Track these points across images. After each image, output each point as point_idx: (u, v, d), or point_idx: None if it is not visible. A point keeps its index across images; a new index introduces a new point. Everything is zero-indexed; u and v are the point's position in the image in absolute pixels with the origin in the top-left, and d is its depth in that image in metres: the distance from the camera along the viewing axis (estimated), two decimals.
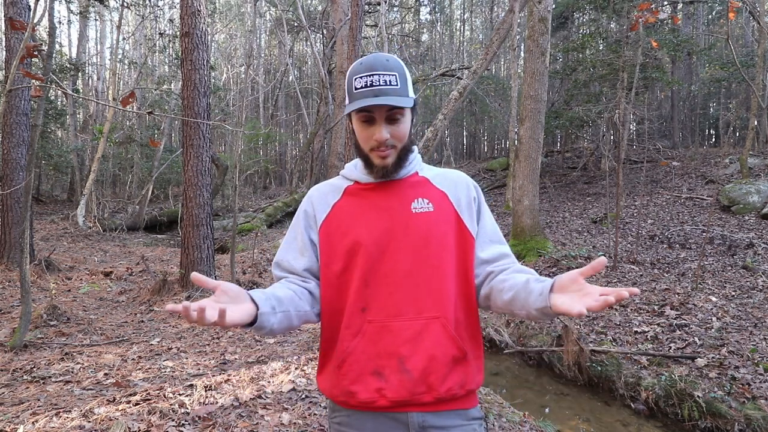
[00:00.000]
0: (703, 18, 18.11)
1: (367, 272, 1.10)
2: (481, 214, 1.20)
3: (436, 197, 1.16)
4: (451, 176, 1.22)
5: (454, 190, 1.18)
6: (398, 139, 1.11)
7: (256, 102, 24.38)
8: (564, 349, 4.69)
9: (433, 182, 1.19)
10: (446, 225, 1.13)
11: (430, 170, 1.22)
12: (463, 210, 1.17)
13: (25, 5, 6.14)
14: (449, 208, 1.16)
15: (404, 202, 1.14)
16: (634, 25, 6.44)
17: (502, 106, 17.50)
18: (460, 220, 1.15)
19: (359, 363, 1.08)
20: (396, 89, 1.08)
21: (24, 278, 3.66)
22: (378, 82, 1.07)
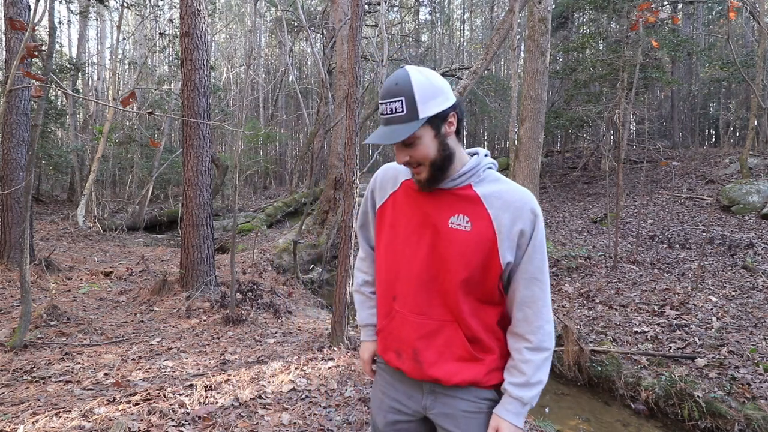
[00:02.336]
0: (702, 18, 18.10)
1: (398, 267, 1.21)
2: (528, 250, 1.15)
3: (479, 217, 1.14)
4: (510, 198, 1.15)
5: (503, 214, 1.13)
6: (420, 159, 1.12)
7: (256, 102, 24.38)
8: (564, 349, 4.69)
9: (484, 201, 1.15)
10: (477, 247, 1.13)
11: (492, 185, 1.17)
12: (503, 237, 1.13)
13: (25, 5, 6.14)
14: (488, 232, 1.13)
15: (444, 214, 1.16)
16: (634, 25, 6.44)
17: (502, 106, 17.50)
18: (495, 246, 1.13)
19: (387, 340, 1.27)
20: (401, 117, 1.08)
21: (24, 278, 3.66)
22: (386, 111, 1.10)
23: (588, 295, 6.04)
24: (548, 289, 1.18)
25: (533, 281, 1.15)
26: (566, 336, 4.68)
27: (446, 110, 1.12)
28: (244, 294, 5.36)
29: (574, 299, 5.98)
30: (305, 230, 9.18)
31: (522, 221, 1.13)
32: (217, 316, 4.78)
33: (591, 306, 5.72)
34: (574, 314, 5.50)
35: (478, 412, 1.20)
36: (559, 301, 6.07)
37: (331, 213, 9.69)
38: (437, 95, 1.10)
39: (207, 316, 4.84)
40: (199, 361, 3.55)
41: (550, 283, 4.82)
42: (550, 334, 1.16)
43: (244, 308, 5.03)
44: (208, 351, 3.83)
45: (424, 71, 1.12)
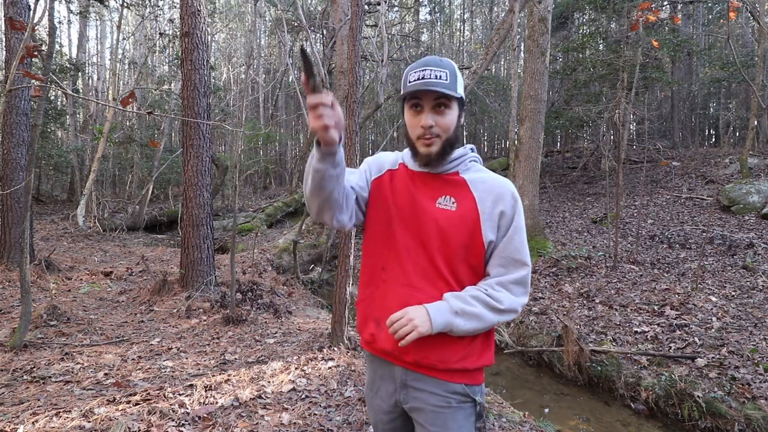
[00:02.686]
0: (702, 18, 18.10)
1: (389, 239, 1.27)
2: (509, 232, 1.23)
3: (464, 199, 1.24)
4: (493, 184, 1.26)
5: (487, 196, 1.23)
6: (443, 128, 1.20)
7: (256, 102, 24.38)
8: (564, 349, 4.69)
9: (470, 185, 1.25)
10: (461, 226, 1.21)
11: (476, 173, 1.28)
12: (486, 217, 1.22)
13: (25, 5, 6.14)
14: (472, 212, 1.22)
15: (433, 195, 1.25)
16: (634, 25, 6.44)
17: (502, 106, 17.50)
18: (477, 225, 1.21)
19: (369, 308, 1.30)
20: (445, 83, 1.17)
21: (24, 278, 3.65)
22: (430, 75, 1.17)
23: (588, 295, 6.04)
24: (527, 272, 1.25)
25: (512, 261, 1.23)
26: (566, 336, 4.68)
27: (464, 102, 1.27)
28: (244, 294, 5.36)
29: (574, 299, 5.98)
30: (305, 230, 9.18)
31: (503, 203, 1.23)
32: (217, 316, 4.78)
33: (591, 306, 5.72)
34: (574, 314, 5.50)
35: (446, 407, 1.23)
36: (559, 301, 6.06)
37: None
38: (463, 87, 1.25)
39: (207, 316, 4.84)
40: (199, 361, 3.55)
41: (551, 283, 4.82)
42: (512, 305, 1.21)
43: (244, 308, 5.03)
44: (208, 351, 3.83)
45: None
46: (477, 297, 1.19)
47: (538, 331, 5.37)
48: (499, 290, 1.21)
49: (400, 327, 1.14)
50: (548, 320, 5.54)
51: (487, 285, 1.22)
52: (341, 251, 4.00)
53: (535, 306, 6.02)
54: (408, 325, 1.13)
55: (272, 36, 24.14)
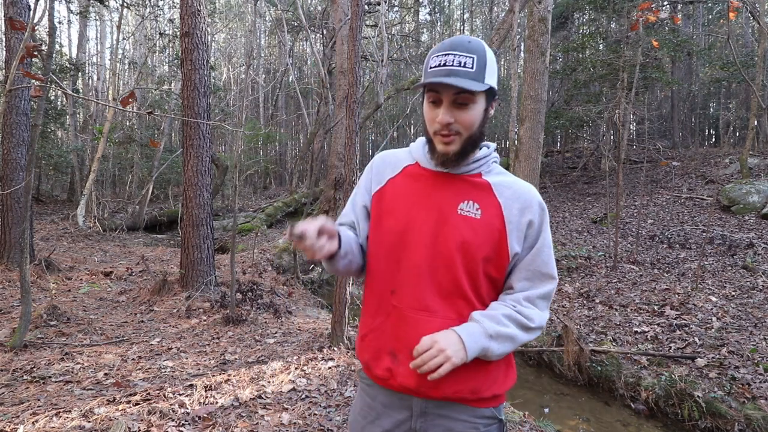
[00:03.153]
0: (702, 18, 18.10)
1: (399, 256, 1.11)
2: (538, 243, 1.10)
3: (489, 205, 1.09)
4: (518, 189, 1.11)
5: (513, 203, 1.09)
6: (464, 126, 1.04)
7: (256, 102, 24.38)
8: (564, 349, 4.69)
9: (494, 189, 1.11)
10: (486, 236, 1.07)
11: (499, 176, 1.14)
12: (513, 227, 1.08)
13: (25, 5, 6.14)
14: (497, 220, 1.08)
15: (454, 199, 1.10)
16: (634, 25, 6.44)
17: (502, 106, 17.50)
18: (504, 236, 1.08)
19: (380, 340, 1.14)
20: (469, 72, 1.00)
21: (24, 278, 3.66)
22: (452, 62, 1.01)
23: (588, 295, 6.04)
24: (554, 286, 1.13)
25: (539, 275, 1.10)
26: (566, 336, 4.68)
27: (495, 91, 1.09)
28: (244, 294, 5.36)
29: (574, 299, 5.98)
30: None
31: (531, 212, 1.09)
32: (217, 316, 4.78)
33: (591, 306, 5.72)
34: (574, 314, 5.50)
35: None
36: (559, 301, 6.07)
37: (331, 213, 9.69)
38: (495, 72, 1.07)
39: (207, 316, 4.84)
40: (199, 361, 3.55)
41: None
42: (541, 322, 1.09)
43: (244, 308, 5.03)
44: (208, 351, 3.83)
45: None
46: (510, 316, 1.05)
47: None
48: (527, 306, 1.08)
49: (429, 358, 0.97)
50: (548, 320, 5.54)
51: (515, 301, 1.09)
52: None
53: None
54: (439, 356, 0.97)
55: (272, 36, 24.16)
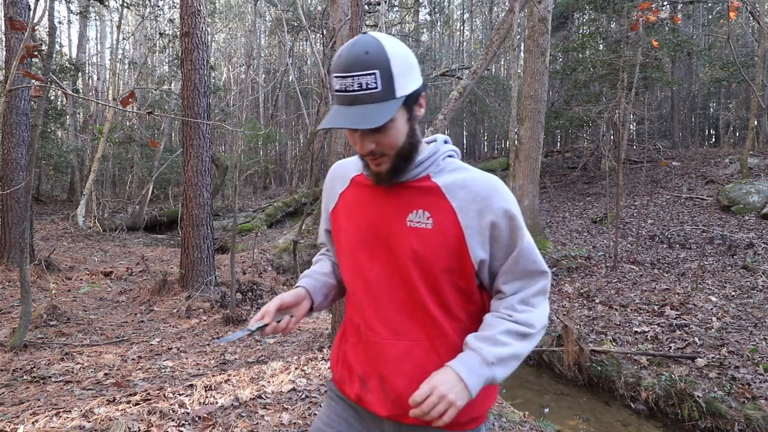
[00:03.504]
0: (702, 18, 18.11)
1: (355, 278, 1.04)
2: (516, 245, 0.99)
3: (441, 211, 0.97)
4: (474, 187, 0.97)
5: (469, 205, 0.96)
6: (388, 147, 0.93)
7: (256, 102, 24.38)
8: (564, 349, 4.69)
9: (446, 192, 0.98)
10: (442, 247, 0.96)
11: (452, 174, 1.00)
12: (472, 231, 0.96)
13: (25, 5, 6.14)
14: (453, 228, 0.96)
15: (401, 211, 0.98)
16: (634, 25, 6.44)
17: (502, 106, 17.51)
18: (463, 244, 0.96)
19: (351, 364, 1.07)
20: (374, 95, 0.87)
21: (24, 278, 3.66)
22: (352, 86, 0.87)
23: (588, 295, 6.04)
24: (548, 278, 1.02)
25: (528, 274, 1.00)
26: (566, 336, 4.68)
27: (419, 89, 0.94)
28: (244, 294, 5.36)
29: (574, 299, 5.98)
30: (305, 230, 9.17)
31: (491, 213, 0.96)
32: (217, 316, 4.78)
33: (591, 306, 5.72)
34: (574, 314, 5.50)
35: None
36: (559, 301, 6.07)
37: None
38: (413, 69, 0.93)
39: (207, 316, 4.84)
40: (199, 361, 3.55)
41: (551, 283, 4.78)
42: (543, 322, 1.00)
43: (244, 308, 5.03)
44: (208, 351, 3.83)
45: (394, 39, 0.92)
46: (509, 331, 0.94)
47: None
48: (523, 310, 0.97)
49: (430, 407, 0.86)
50: (548, 320, 5.54)
51: (509, 308, 0.98)
52: None
53: None
54: (441, 403, 0.86)
55: (272, 36, 24.16)
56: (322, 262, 1.22)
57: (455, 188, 0.98)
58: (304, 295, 1.09)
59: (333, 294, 1.16)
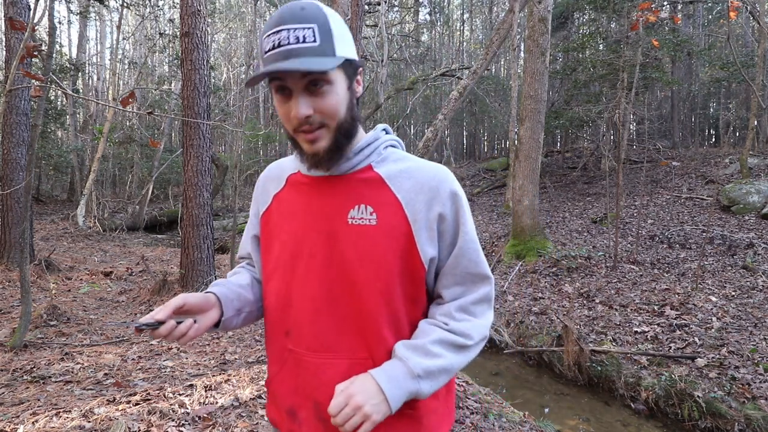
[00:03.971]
0: (702, 18, 18.11)
1: (289, 289, 0.91)
2: (459, 240, 0.88)
3: (385, 204, 0.87)
4: (420, 177, 0.88)
5: (416, 197, 0.87)
6: (327, 114, 0.82)
7: (256, 102, 24.38)
8: (564, 349, 4.69)
9: (389, 183, 0.88)
10: (389, 245, 0.85)
11: (396, 164, 0.91)
12: (420, 226, 0.86)
13: (25, 5, 6.14)
14: (400, 223, 0.86)
15: (342, 207, 0.87)
16: (634, 25, 6.44)
17: (502, 106, 17.52)
18: (412, 241, 0.86)
19: (278, 396, 0.95)
20: (313, 48, 0.78)
21: (24, 278, 3.65)
22: (287, 39, 0.78)
23: (588, 295, 6.04)
24: (491, 286, 0.93)
25: (470, 277, 0.90)
26: (566, 336, 4.68)
27: (356, 61, 0.87)
28: None
29: (574, 299, 5.98)
30: None
31: (440, 203, 0.87)
32: None
33: (591, 306, 5.72)
34: (574, 314, 5.50)
35: None
36: (559, 301, 6.07)
37: None
38: (350, 39, 0.86)
39: None
40: (199, 361, 3.55)
41: (551, 283, 4.80)
42: (482, 333, 0.89)
43: None
44: (208, 351, 3.83)
45: None
46: (442, 341, 0.84)
47: (538, 331, 5.37)
48: (462, 318, 0.87)
49: (344, 420, 0.77)
50: (548, 320, 5.54)
51: (446, 315, 0.88)
52: None
53: (535, 306, 6.02)
54: (356, 416, 0.77)
55: None
56: (241, 274, 1.05)
57: (400, 178, 0.88)
58: (213, 303, 0.91)
59: (247, 312, 0.99)
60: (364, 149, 0.90)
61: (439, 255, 0.89)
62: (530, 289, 6.65)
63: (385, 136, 0.95)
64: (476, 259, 0.90)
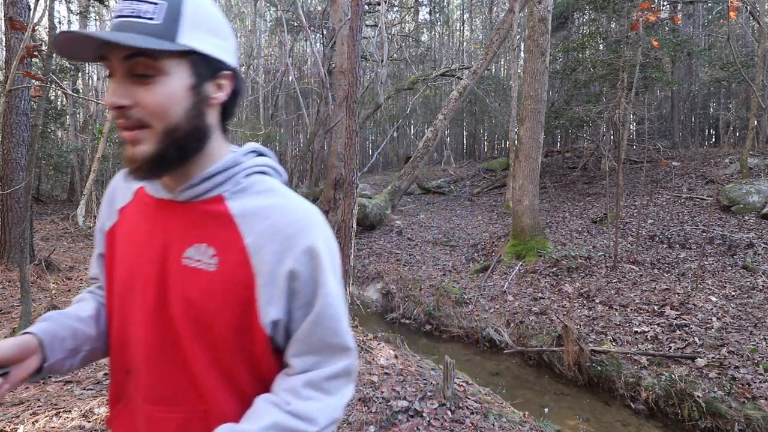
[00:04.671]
0: (702, 18, 18.12)
1: (125, 327, 0.78)
2: (315, 302, 0.72)
3: (229, 248, 0.71)
4: (278, 220, 0.71)
5: (267, 244, 0.70)
6: (150, 111, 0.66)
7: (256, 102, 24.39)
8: (564, 349, 4.69)
9: (239, 222, 0.72)
10: (225, 298, 0.70)
11: (257, 198, 0.74)
12: (265, 281, 0.70)
13: (25, 5, 6.14)
14: (243, 273, 0.70)
15: (180, 242, 0.73)
16: (634, 25, 6.44)
17: (502, 106, 17.52)
18: (253, 298, 0.70)
19: None
20: (147, 25, 0.65)
21: (24, 278, 3.65)
22: (125, 11, 0.66)
23: (588, 295, 6.04)
24: (351, 359, 0.76)
25: (326, 347, 0.74)
26: (566, 336, 4.68)
27: (221, 62, 0.72)
28: None
29: (574, 299, 5.98)
30: None
31: (292, 257, 0.70)
32: None
33: (591, 306, 5.72)
34: (574, 314, 5.50)
35: None
36: (559, 301, 6.07)
37: (331, 213, 9.69)
38: (219, 33, 0.72)
39: None
40: None
41: (551, 283, 4.80)
42: (332, 416, 0.73)
43: None
44: None
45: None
46: (276, 426, 0.68)
47: (538, 331, 5.37)
48: (310, 397, 0.72)
49: None
50: (548, 320, 5.54)
51: (290, 392, 0.72)
52: (341, 251, 4.00)
53: (535, 306, 6.02)
54: None
55: (272, 36, 24.17)
56: (85, 302, 0.88)
57: (254, 218, 0.72)
58: (32, 348, 0.74)
59: (88, 351, 0.82)
60: (215, 175, 0.73)
61: (290, 317, 0.73)
62: (530, 289, 6.65)
63: (252, 159, 0.77)
64: (336, 327, 0.74)
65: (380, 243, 10.30)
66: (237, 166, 0.75)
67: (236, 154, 0.76)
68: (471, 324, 6.05)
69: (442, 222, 11.70)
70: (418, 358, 4.28)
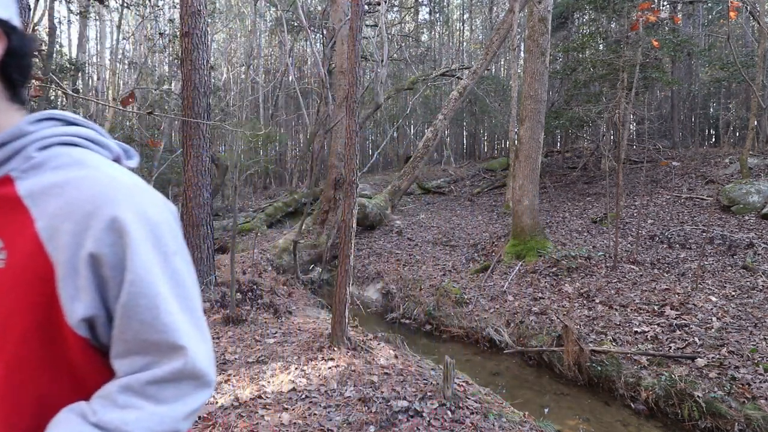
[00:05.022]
0: (702, 18, 18.12)
1: None
2: (122, 290, 0.59)
3: (20, 237, 0.59)
4: (73, 195, 0.58)
5: (62, 224, 0.58)
6: None
7: (256, 102, 24.38)
8: (564, 349, 4.69)
9: (29, 204, 0.59)
10: (18, 299, 0.58)
11: (54, 173, 0.60)
12: (66, 273, 0.57)
13: (25, 5, 6.14)
14: (37, 264, 0.58)
15: None
16: (634, 25, 6.44)
17: (502, 106, 17.52)
18: (54, 293, 0.58)
19: None
20: None
21: None
22: None
23: (588, 295, 6.04)
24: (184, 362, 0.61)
25: (148, 346, 0.60)
26: (566, 336, 4.68)
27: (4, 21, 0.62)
28: (244, 294, 5.36)
29: (574, 299, 5.97)
30: (305, 230, 9.17)
31: (93, 237, 0.57)
32: (217, 316, 4.78)
33: (591, 306, 5.72)
34: (574, 314, 5.50)
35: None
36: (559, 301, 6.07)
37: (331, 213, 9.69)
38: None
39: (207, 316, 4.84)
40: None
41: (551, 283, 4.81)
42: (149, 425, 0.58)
43: (244, 308, 5.03)
44: None
45: None
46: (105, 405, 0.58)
47: (538, 331, 5.37)
48: (128, 405, 0.58)
49: None
50: (548, 320, 5.54)
51: (104, 398, 0.59)
52: (341, 251, 4.00)
53: (535, 306, 6.02)
54: None
55: (272, 36, 24.16)
56: None
57: (46, 197, 0.59)
58: None
59: None
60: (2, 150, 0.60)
61: (109, 312, 0.60)
62: (530, 289, 6.65)
63: (49, 129, 0.62)
64: (152, 321, 0.59)
65: (380, 243, 10.31)
66: (23, 138, 0.61)
67: (22, 124, 0.61)
68: (471, 324, 6.05)
69: (442, 222, 11.70)
70: (418, 358, 4.28)
